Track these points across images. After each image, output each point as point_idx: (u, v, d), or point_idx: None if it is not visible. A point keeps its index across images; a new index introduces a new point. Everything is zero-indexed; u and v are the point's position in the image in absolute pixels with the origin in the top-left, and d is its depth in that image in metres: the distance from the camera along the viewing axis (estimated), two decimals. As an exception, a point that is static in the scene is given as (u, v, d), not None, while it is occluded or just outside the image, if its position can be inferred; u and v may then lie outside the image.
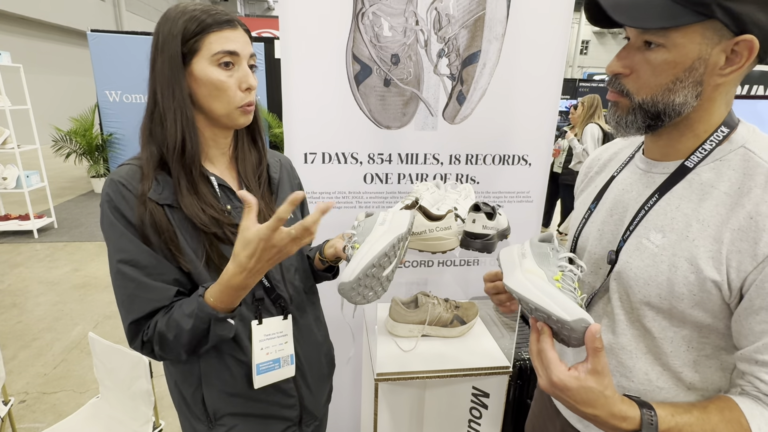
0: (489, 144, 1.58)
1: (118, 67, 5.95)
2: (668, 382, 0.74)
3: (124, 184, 0.79)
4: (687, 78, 0.65)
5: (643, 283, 0.72)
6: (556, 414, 0.95)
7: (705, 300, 0.66)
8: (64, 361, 2.77)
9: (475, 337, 1.39)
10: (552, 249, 0.78)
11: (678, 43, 0.63)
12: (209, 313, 0.77)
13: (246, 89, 0.84)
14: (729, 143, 0.68)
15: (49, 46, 11.33)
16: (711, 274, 0.64)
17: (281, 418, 0.99)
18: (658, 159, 0.76)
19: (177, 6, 0.82)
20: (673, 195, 0.72)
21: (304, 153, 1.49)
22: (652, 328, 0.73)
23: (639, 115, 0.70)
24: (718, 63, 0.63)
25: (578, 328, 0.62)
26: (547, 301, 0.66)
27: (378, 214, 0.95)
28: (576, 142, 4.33)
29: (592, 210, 0.87)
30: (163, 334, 0.79)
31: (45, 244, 4.82)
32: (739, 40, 0.61)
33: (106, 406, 1.68)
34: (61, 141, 6.88)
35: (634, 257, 0.73)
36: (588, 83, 10.47)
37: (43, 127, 6.03)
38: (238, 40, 0.82)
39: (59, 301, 3.56)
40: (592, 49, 23.70)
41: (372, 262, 0.80)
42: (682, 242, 0.68)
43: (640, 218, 0.74)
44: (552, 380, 0.63)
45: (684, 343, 0.71)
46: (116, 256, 0.79)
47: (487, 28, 1.45)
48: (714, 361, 0.71)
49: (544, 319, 0.67)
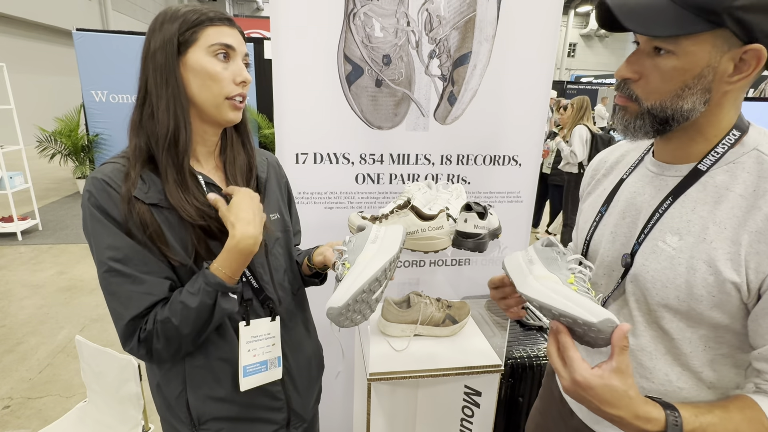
0: (480, 144, 1.59)
1: (105, 67, 5.86)
2: (688, 382, 0.74)
3: (107, 182, 0.78)
4: (696, 85, 0.65)
5: (660, 286, 0.72)
6: (570, 415, 0.93)
7: (724, 301, 0.67)
8: (50, 366, 2.72)
9: (467, 336, 1.40)
10: (558, 253, 0.78)
11: (688, 51, 0.64)
12: (217, 284, 0.78)
13: (241, 82, 0.84)
14: (741, 146, 0.69)
15: (34, 45, 11.12)
16: (730, 275, 0.65)
17: (268, 421, 0.98)
18: (670, 162, 0.77)
19: (172, 6, 0.83)
20: (688, 198, 0.72)
21: (295, 153, 1.49)
22: (670, 329, 0.73)
23: (647, 120, 0.71)
24: (726, 71, 0.64)
25: (605, 328, 0.62)
26: (571, 305, 0.65)
27: (370, 230, 0.93)
28: (563, 144, 4.37)
29: (602, 213, 0.87)
30: (167, 321, 0.78)
31: (29, 247, 4.72)
32: (748, 49, 0.62)
33: (93, 410, 1.65)
34: (46, 141, 6.75)
35: (651, 260, 0.74)
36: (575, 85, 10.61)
37: (27, 127, 5.91)
38: (235, 36, 0.84)
39: (44, 304, 3.49)
40: (580, 52, 24.00)
41: (362, 287, 0.79)
42: (700, 245, 0.68)
43: (654, 221, 0.75)
44: (576, 379, 0.63)
45: (701, 343, 0.72)
46: (106, 254, 0.77)
47: (477, 30, 1.46)
48: (730, 360, 0.72)
49: (570, 324, 0.66)
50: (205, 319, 0.80)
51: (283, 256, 1.00)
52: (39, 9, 10.57)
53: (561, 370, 0.66)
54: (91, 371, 1.60)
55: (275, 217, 0.99)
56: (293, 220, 1.10)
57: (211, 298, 0.79)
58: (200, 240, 0.83)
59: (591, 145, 4.20)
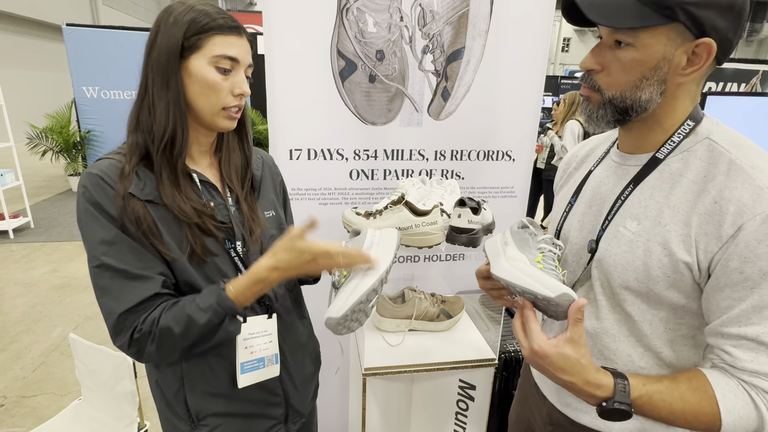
0: (473, 140, 1.60)
1: (96, 63, 5.78)
2: (649, 362, 0.79)
3: (103, 177, 0.78)
4: (652, 76, 0.70)
5: (621, 269, 0.76)
6: (542, 400, 0.97)
7: (678, 281, 0.71)
8: (44, 364, 2.71)
9: (461, 330, 1.41)
10: (530, 234, 0.83)
11: (645, 43, 0.68)
12: (229, 308, 0.79)
13: (238, 95, 0.84)
14: (695, 135, 0.73)
15: (23, 40, 10.97)
16: (682, 256, 0.69)
17: (266, 416, 0.99)
18: (631, 152, 0.81)
19: (184, 1, 0.80)
20: (646, 185, 0.76)
21: (289, 149, 1.48)
22: (632, 311, 0.77)
23: (609, 110, 0.75)
24: (680, 63, 0.69)
25: (563, 302, 0.67)
26: (531, 282, 0.71)
27: (365, 235, 0.94)
28: (556, 139, 4.39)
29: (572, 204, 0.91)
30: (168, 328, 0.78)
31: (21, 245, 4.68)
32: (699, 42, 0.66)
33: (88, 408, 1.64)
34: (37, 138, 6.68)
35: (613, 245, 0.78)
36: (570, 80, 10.61)
37: (18, 124, 5.85)
38: (241, 47, 0.82)
39: (37, 302, 3.47)
40: (574, 47, 24.02)
41: (360, 299, 0.80)
42: (656, 228, 0.72)
43: (617, 208, 0.79)
44: (534, 348, 0.69)
45: (662, 324, 0.76)
46: (98, 249, 0.77)
47: (470, 25, 1.46)
48: (689, 340, 0.76)
49: (532, 299, 0.72)
50: (207, 336, 0.81)
51: None
52: (27, 4, 10.42)
53: (522, 341, 0.72)
54: (85, 369, 1.59)
55: (270, 215, 0.99)
56: (287, 219, 1.10)
57: (219, 318, 0.80)
58: (196, 237, 0.83)
59: (583, 139, 4.22)
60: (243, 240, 0.91)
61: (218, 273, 0.87)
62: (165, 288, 0.81)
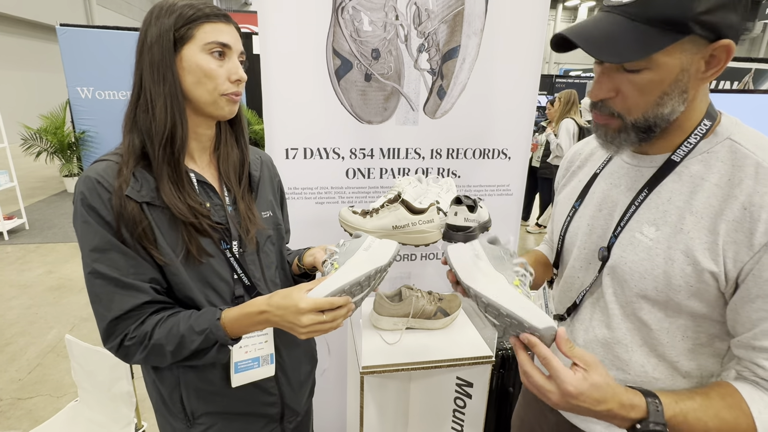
0: (469, 138, 1.60)
1: (90, 63, 5.75)
2: (664, 373, 0.75)
3: (100, 181, 0.77)
4: (673, 90, 0.66)
5: (639, 277, 0.72)
6: (549, 408, 0.94)
7: (702, 291, 0.67)
8: (40, 366, 2.69)
9: (458, 328, 1.41)
10: (505, 252, 0.79)
11: (660, 63, 0.64)
12: (221, 337, 0.80)
13: (235, 80, 0.84)
14: (714, 136, 0.70)
15: (16, 41, 10.89)
16: (708, 265, 0.65)
17: (262, 415, 0.99)
18: (645, 153, 0.77)
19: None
20: (664, 188, 0.72)
21: (285, 149, 1.48)
22: (648, 320, 0.74)
23: (632, 133, 0.71)
24: (699, 69, 0.65)
25: (548, 335, 0.63)
26: (519, 308, 0.65)
27: (365, 238, 0.94)
28: (553, 136, 4.41)
29: (576, 208, 0.88)
30: (160, 345, 0.79)
31: (16, 246, 4.65)
32: (717, 46, 0.63)
33: (85, 409, 1.64)
34: (31, 139, 6.64)
35: (628, 251, 0.74)
36: (564, 79, 10.65)
37: (11, 125, 5.80)
38: (231, 34, 0.83)
39: (33, 304, 3.45)
40: (569, 46, 24.03)
41: (343, 287, 0.79)
42: (677, 235, 0.69)
43: (631, 213, 0.75)
44: (567, 390, 0.59)
45: (679, 332, 0.72)
46: (92, 255, 0.78)
47: (466, 23, 1.47)
48: (708, 349, 0.73)
49: (512, 325, 0.66)
50: (196, 356, 0.82)
51: (274, 253, 1.00)
52: (21, 4, 10.35)
53: (546, 386, 0.62)
54: (81, 370, 1.58)
55: (267, 215, 0.99)
56: (284, 220, 1.10)
57: (210, 344, 0.81)
58: (191, 238, 0.83)
59: (578, 138, 4.25)
60: (239, 240, 0.91)
61: (214, 274, 0.87)
62: (155, 294, 0.81)
